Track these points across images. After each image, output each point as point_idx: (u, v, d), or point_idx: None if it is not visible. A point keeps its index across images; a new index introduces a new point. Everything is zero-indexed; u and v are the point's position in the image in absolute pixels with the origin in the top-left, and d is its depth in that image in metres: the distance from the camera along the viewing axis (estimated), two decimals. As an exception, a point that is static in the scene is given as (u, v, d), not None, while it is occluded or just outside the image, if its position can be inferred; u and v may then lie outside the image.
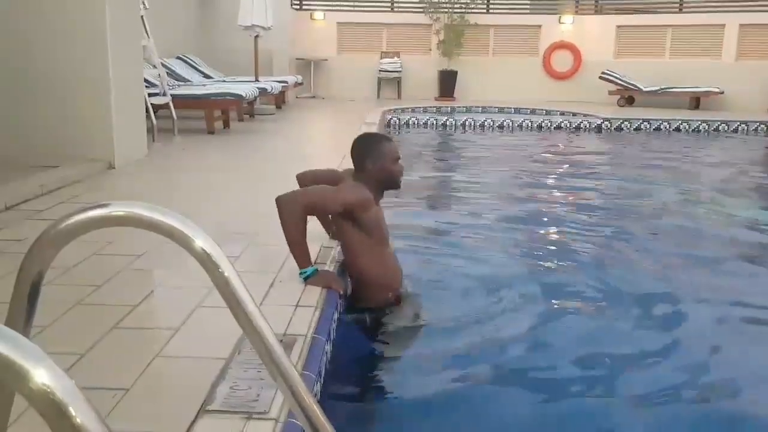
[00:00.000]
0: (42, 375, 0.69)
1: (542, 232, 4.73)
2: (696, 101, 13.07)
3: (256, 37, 9.95)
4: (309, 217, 2.73)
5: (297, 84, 11.92)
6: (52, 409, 0.68)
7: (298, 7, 14.21)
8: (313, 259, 2.77)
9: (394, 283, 3.04)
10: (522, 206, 5.54)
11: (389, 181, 2.94)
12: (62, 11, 5.02)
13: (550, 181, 6.98)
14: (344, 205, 2.77)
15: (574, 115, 11.53)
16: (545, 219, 5.14)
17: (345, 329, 2.71)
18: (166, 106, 7.21)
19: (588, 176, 7.22)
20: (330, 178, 3.05)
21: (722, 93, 12.86)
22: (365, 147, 2.94)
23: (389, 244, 3.01)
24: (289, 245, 2.68)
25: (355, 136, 3.05)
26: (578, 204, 5.68)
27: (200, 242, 1.15)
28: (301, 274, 2.68)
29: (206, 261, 1.15)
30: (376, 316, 2.94)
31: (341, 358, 2.51)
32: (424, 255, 3.94)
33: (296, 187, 2.95)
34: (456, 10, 13.72)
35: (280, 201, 2.67)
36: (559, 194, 6.22)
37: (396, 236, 3.33)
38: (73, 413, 0.68)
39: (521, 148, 9.21)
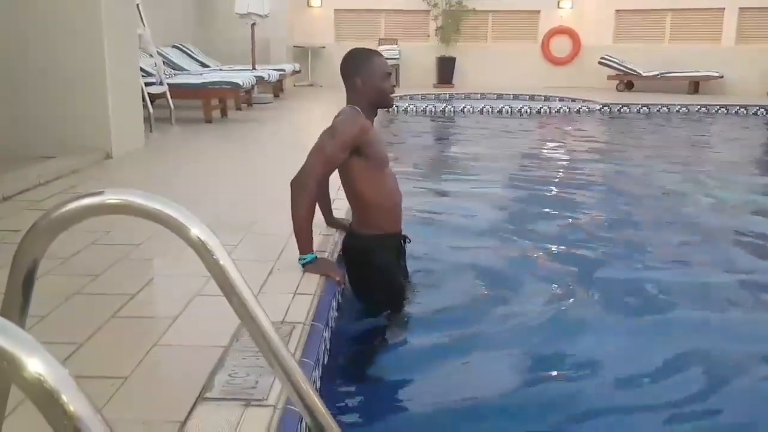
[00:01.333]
0: (35, 364, 0.69)
1: (543, 216, 4.72)
2: (695, 86, 13.04)
3: (253, 25, 9.90)
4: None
5: (294, 72, 11.87)
6: (45, 398, 0.68)
7: (295, -6, 14.15)
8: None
9: (394, 204, 2.99)
10: (523, 191, 5.53)
11: (381, 100, 2.87)
12: (58, 0, 4.99)
13: (549, 167, 6.97)
14: (348, 146, 2.72)
15: (573, 100, 11.51)
16: (546, 203, 5.12)
17: (344, 316, 2.71)
18: (163, 95, 7.19)
19: (587, 161, 7.20)
20: None
21: (721, 77, 12.82)
22: (355, 63, 2.86)
23: (388, 165, 2.96)
24: (295, 228, 2.66)
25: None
26: (577, 188, 5.66)
27: (196, 230, 1.14)
28: (300, 260, 2.67)
29: (201, 249, 1.15)
30: (376, 303, 2.94)
31: (340, 345, 2.51)
32: (425, 240, 3.93)
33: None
34: (454, -4, 13.66)
35: (293, 183, 2.66)
36: (557, 179, 6.21)
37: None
38: (66, 401, 0.68)
39: (520, 135, 9.18)
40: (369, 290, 2.95)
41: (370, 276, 2.92)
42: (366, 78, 2.81)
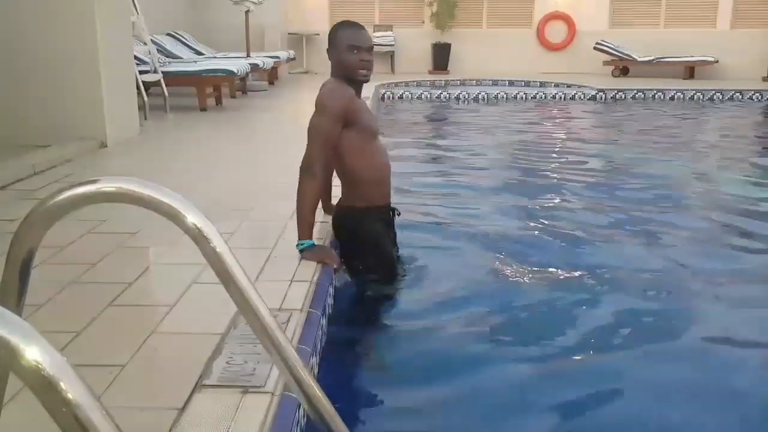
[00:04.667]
0: (33, 351, 0.69)
1: (538, 200, 4.72)
2: (690, 71, 13.03)
3: (247, 12, 9.84)
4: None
5: (289, 59, 11.81)
6: (42, 385, 0.68)
7: (289, -20, 14.04)
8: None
9: (384, 176, 2.98)
10: (518, 176, 5.54)
11: (347, 73, 2.76)
12: (49, -12, 4.96)
13: (545, 153, 6.96)
14: (340, 117, 2.71)
15: (569, 86, 11.49)
16: (541, 187, 5.13)
17: (341, 302, 2.72)
18: (157, 83, 7.15)
19: (582, 147, 7.20)
20: None
21: (716, 62, 12.81)
22: (329, 35, 2.83)
23: (377, 137, 2.95)
24: (297, 213, 2.67)
25: None
26: (573, 173, 5.66)
27: (192, 218, 1.14)
28: (298, 245, 2.67)
29: (198, 236, 1.15)
30: (374, 287, 2.95)
31: (337, 331, 2.52)
32: (422, 225, 3.94)
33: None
34: (449, -19, 13.57)
35: (300, 169, 2.66)
36: (553, 164, 6.21)
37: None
38: (64, 388, 0.68)
39: (516, 121, 9.17)
40: (360, 262, 2.96)
41: (361, 248, 2.93)
42: (333, 50, 2.80)
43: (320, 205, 3.27)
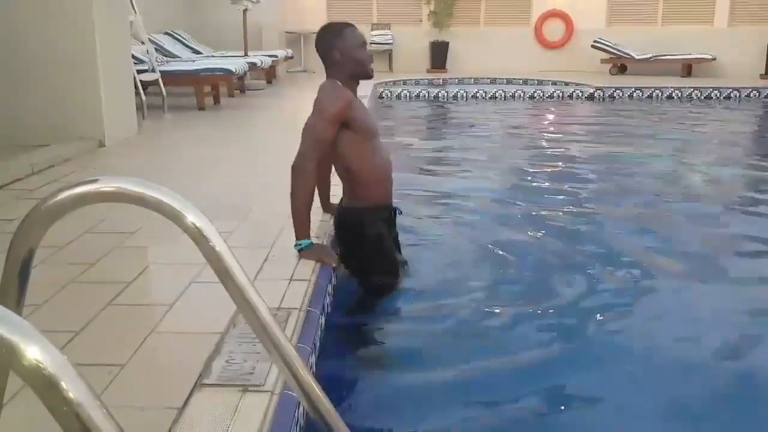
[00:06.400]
0: (33, 351, 0.69)
1: (536, 198, 4.73)
2: (688, 68, 13.02)
3: (245, 10, 9.83)
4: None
5: (287, 58, 11.80)
6: (43, 384, 0.69)
7: (286, -21, 14.01)
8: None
9: (385, 176, 2.98)
10: (516, 175, 5.54)
11: (360, 69, 2.84)
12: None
13: (543, 151, 6.96)
14: (336, 120, 2.72)
15: (567, 84, 11.48)
16: (539, 187, 5.14)
17: (340, 301, 2.72)
18: (155, 82, 7.14)
19: (580, 145, 7.20)
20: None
21: (714, 59, 12.81)
22: (331, 36, 2.85)
23: (378, 137, 2.95)
24: (293, 213, 2.67)
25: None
26: (570, 173, 5.67)
27: (191, 217, 1.15)
28: (296, 245, 2.68)
29: (197, 235, 1.15)
30: (371, 287, 2.95)
31: (336, 330, 2.52)
32: (421, 224, 3.95)
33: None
34: (446, -20, 13.55)
35: (292, 168, 2.66)
36: (551, 162, 6.22)
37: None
38: (65, 387, 0.68)
39: (514, 119, 9.18)
40: (362, 264, 2.95)
41: (363, 249, 2.92)
42: (343, 49, 2.80)
43: (319, 203, 3.30)
